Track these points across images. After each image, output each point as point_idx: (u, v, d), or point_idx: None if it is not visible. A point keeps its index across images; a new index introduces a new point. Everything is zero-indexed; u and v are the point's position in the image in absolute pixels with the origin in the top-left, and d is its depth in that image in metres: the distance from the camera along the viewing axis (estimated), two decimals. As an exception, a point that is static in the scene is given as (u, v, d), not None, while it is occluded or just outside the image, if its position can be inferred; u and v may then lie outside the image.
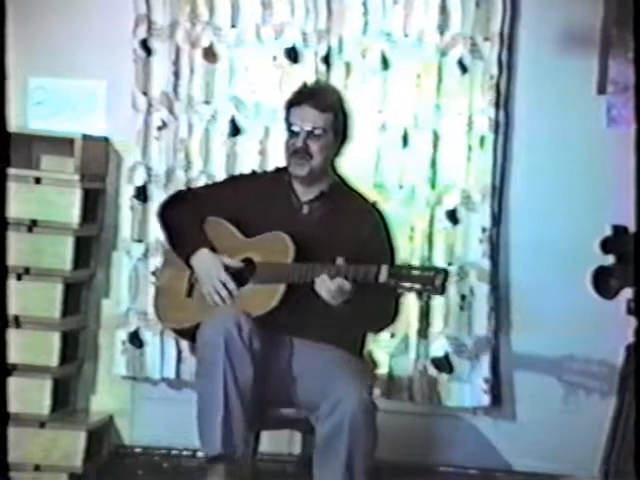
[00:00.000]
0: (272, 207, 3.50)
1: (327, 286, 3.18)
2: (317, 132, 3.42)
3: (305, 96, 3.47)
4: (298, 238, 3.36)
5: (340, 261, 3.21)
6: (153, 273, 3.72)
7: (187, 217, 3.56)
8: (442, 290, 3.10)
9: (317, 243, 3.35)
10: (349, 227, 3.43)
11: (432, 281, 3.08)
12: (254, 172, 3.99)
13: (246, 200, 3.53)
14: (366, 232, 3.43)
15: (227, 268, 3.43)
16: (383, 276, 3.12)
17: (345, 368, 3.30)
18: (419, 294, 3.17)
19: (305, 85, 3.61)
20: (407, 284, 3.11)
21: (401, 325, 4.32)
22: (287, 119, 3.49)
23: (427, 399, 4.36)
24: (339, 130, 3.48)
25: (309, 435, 3.27)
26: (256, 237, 3.45)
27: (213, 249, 3.48)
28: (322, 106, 3.43)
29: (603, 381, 4.16)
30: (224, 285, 3.41)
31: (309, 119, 3.43)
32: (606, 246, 3.12)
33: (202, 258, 3.47)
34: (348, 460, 3.15)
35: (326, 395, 3.18)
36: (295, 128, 3.44)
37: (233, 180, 3.87)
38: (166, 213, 3.65)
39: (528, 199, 4.35)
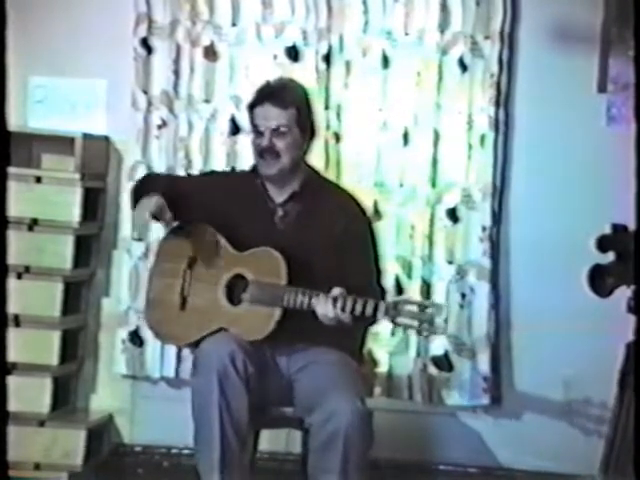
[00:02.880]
0: (248, 210, 3.46)
1: (326, 314, 3.20)
2: (282, 129, 3.38)
3: (266, 95, 3.42)
4: (279, 246, 3.33)
5: (337, 291, 3.20)
6: (149, 269, 3.71)
7: (155, 184, 3.50)
8: (444, 329, 3.13)
9: (296, 248, 3.34)
10: (324, 225, 3.41)
11: (431, 320, 3.10)
12: (233, 169, 3.94)
13: (220, 197, 3.49)
14: (342, 226, 3.41)
15: (155, 216, 3.38)
16: (381, 313, 3.15)
17: (341, 375, 3.30)
18: (418, 332, 3.20)
19: (266, 84, 3.51)
20: (406, 321, 3.14)
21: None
22: (251, 120, 3.45)
23: (427, 398, 4.35)
24: (305, 125, 3.44)
25: (308, 434, 3.27)
26: (246, 252, 3.40)
27: (194, 256, 3.46)
28: (284, 103, 3.38)
29: (603, 379, 4.16)
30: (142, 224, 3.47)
31: (272, 117, 3.38)
32: (602, 244, 3.12)
33: (143, 201, 3.40)
34: (343, 468, 3.15)
35: (320, 404, 3.18)
36: (260, 128, 3.40)
37: (206, 175, 3.83)
38: (137, 188, 3.57)
39: (528, 198, 4.35)
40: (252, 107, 3.45)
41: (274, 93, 3.42)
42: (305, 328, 3.30)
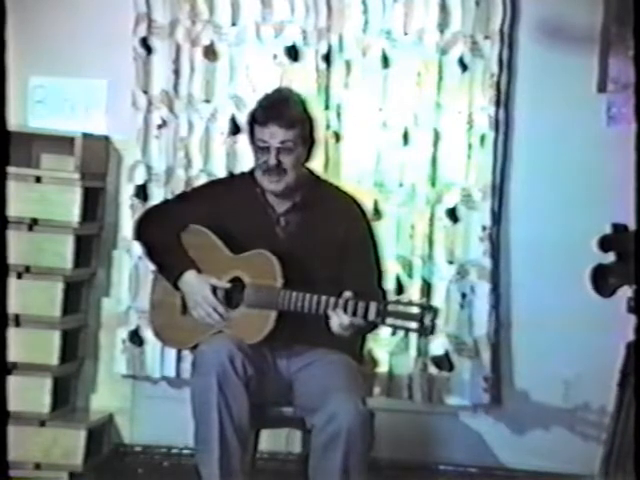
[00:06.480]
0: (249, 219, 3.45)
1: (340, 321, 3.19)
2: (288, 145, 3.36)
3: (270, 116, 3.36)
4: (280, 254, 3.33)
5: (348, 294, 3.19)
6: (153, 271, 3.70)
7: (166, 236, 3.50)
8: (432, 330, 3.12)
9: (298, 256, 3.34)
10: (326, 231, 3.41)
11: (421, 319, 3.09)
12: (231, 174, 3.91)
13: (222, 211, 3.48)
14: (343, 229, 3.41)
15: (215, 289, 3.40)
16: (372, 314, 3.14)
17: (342, 375, 3.30)
18: (407, 332, 3.20)
19: (268, 100, 3.46)
20: (396, 322, 3.14)
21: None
22: (253, 135, 3.42)
23: (427, 397, 4.35)
24: (308, 139, 3.42)
25: (308, 434, 3.27)
26: (242, 255, 3.40)
27: (198, 267, 3.43)
28: (289, 123, 3.35)
29: (603, 379, 4.16)
30: (214, 309, 3.39)
31: (278, 136, 3.35)
32: (604, 244, 3.12)
33: (189, 281, 3.42)
34: (344, 468, 3.16)
35: (321, 405, 3.18)
36: (264, 144, 3.37)
37: (205, 188, 3.77)
38: (143, 232, 3.60)
39: (528, 197, 4.36)
40: (254, 124, 3.42)
41: (278, 113, 3.36)
42: (304, 329, 3.31)
